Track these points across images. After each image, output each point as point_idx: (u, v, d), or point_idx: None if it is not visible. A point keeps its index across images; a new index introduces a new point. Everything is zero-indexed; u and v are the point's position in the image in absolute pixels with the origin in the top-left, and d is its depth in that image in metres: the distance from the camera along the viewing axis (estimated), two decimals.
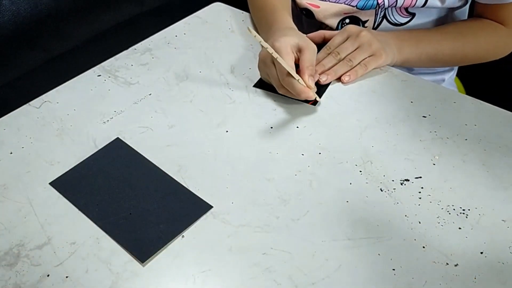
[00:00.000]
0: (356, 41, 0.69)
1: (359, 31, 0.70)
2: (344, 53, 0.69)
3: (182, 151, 0.58)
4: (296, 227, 0.50)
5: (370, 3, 0.78)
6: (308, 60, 0.63)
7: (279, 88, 0.64)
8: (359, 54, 0.69)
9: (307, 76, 0.61)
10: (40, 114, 0.63)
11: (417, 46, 0.74)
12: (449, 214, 0.51)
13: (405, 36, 0.75)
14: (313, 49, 0.64)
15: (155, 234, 0.48)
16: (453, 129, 0.61)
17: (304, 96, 0.61)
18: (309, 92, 0.61)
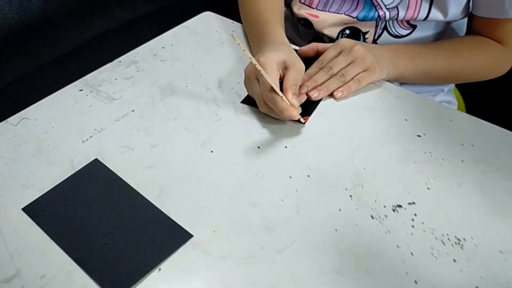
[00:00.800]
0: (349, 56, 0.67)
1: (353, 45, 0.67)
2: (337, 68, 0.66)
3: (164, 173, 0.55)
4: (281, 259, 0.47)
5: (371, 15, 0.76)
6: (292, 79, 0.60)
7: (261, 105, 0.61)
8: (352, 69, 0.66)
9: (291, 94, 0.58)
10: (17, 132, 0.60)
11: (413, 61, 0.71)
12: (444, 245, 0.48)
13: (400, 50, 0.72)
14: (299, 68, 0.61)
15: (130, 267, 0.45)
16: (448, 149, 0.59)
17: (287, 115, 0.58)
18: (293, 111, 0.57)
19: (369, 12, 0.76)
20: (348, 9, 0.78)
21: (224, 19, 0.82)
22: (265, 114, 0.62)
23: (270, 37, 0.69)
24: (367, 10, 0.76)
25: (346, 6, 0.78)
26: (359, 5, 0.76)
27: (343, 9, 0.78)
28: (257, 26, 0.74)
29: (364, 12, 0.76)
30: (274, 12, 0.76)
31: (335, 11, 0.78)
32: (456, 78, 0.77)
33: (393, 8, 0.74)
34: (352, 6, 0.77)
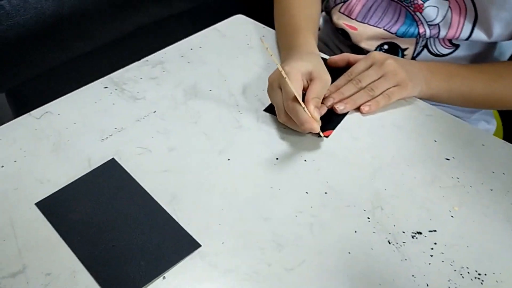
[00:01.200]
0: (380, 69, 0.64)
1: (385, 59, 0.64)
2: (366, 81, 0.64)
3: (178, 178, 0.54)
4: (289, 278, 0.45)
5: (410, 32, 0.73)
6: (316, 91, 0.58)
7: (280, 115, 0.59)
8: (382, 83, 0.64)
9: (312, 106, 0.56)
10: (39, 126, 0.60)
11: (449, 81, 0.68)
12: (462, 278, 0.46)
13: (436, 68, 0.69)
14: (325, 81, 0.59)
15: (135, 273, 0.45)
16: (478, 176, 0.55)
17: (308, 127, 0.56)
18: (313, 123, 0.55)
19: (409, 28, 0.73)
20: (388, 23, 0.75)
21: (255, 23, 0.81)
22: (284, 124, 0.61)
23: (300, 46, 0.67)
24: (408, 25, 0.73)
25: (386, 18, 0.75)
26: (400, 18, 0.74)
27: (383, 21, 0.75)
28: (288, 33, 0.72)
29: (405, 27, 0.73)
30: (307, 20, 0.74)
31: (374, 23, 0.76)
32: (495, 104, 0.73)
33: (435, 26, 0.71)
34: (392, 19, 0.75)
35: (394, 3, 0.74)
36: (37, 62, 1.14)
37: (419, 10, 0.71)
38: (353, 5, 0.78)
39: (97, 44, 1.22)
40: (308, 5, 0.76)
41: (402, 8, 0.73)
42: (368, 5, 0.76)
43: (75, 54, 1.19)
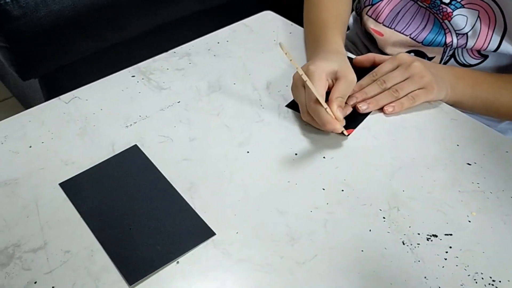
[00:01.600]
0: (406, 71, 0.63)
1: (411, 61, 0.64)
2: (391, 82, 0.64)
3: (198, 167, 0.55)
4: (300, 272, 0.45)
5: (438, 40, 0.72)
6: (340, 90, 0.58)
7: (303, 114, 0.59)
8: (407, 85, 0.63)
9: (336, 106, 0.57)
10: (67, 110, 0.62)
11: (474, 88, 0.67)
12: (475, 283, 0.45)
13: (462, 74, 0.68)
14: (350, 80, 0.59)
15: (150, 256, 0.46)
16: (499, 183, 0.55)
17: (330, 128, 0.56)
18: (336, 124, 0.56)
19: (437, 36, 0.72)
20: (415, 29, 0.74)
21: (283, 20, 0.81)
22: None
23: (326, 44, 0.67)
24: (435, 32, 0.72)
25: (414, 24, 0.74)
26: (427, 25, 0.73)
27: (410, 28, 0.75)
28: (315, 31, 0.72)
29: (432, 35, 0.73)
30: (336, 19, 0.74)
31: (401, 30, 0.75)
32: None
33: (463, 36, 0.70)
34: (420, 26, 0.74)
35: (422, 9, 0.73)
36: (70, 51, 1.18)
37: (447, 18, 0.70)
38: (381, 9, 0.77)
39: (129, 36, 1.25)
40: (338, 3, 0.76)
41: (431, 15, 0.72)
42: (396, 10, 0.76)
43: (107, 44, 1.22)
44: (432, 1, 0.71)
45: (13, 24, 1.03)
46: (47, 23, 1.07)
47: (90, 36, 1.17)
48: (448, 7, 0.69)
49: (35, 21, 1.05)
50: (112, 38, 1.23)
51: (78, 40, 1.16)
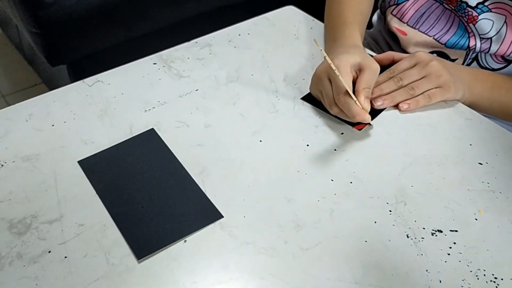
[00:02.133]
0: (423, 70, 0.64)
1: (429, 60, 0.64)
2: (408, 80, 0.64)
3: (210, 153, 0.57)
4: (303, 257, 0.47)
5: (461, 43, 0.72)
6: (366, 81, 0.59)
7: (331, 106, 0.60)
8: (424, 83, 0.63)
9: (363, 97, 0.57)
10: (90, 92, 0.65)
11: (492, 91, 0.67)
12: (477, 279, 0.45)
13: (481, 76, 0.67)
14: (374, 70, 0.60)
15: (159, 233, 0.48)
16: (509, 183, 0.54)
17: (360, 119, 0.56)
18: (365, 115, 0.56)
19: (460, 39, 0.72)
20: (439, 31, 0.74)
21: (305, 15, 0.82)
22: (322, 114, 0.62)
23: (344, 38, 0.68)
24: (459, 35, 0.72)
25: (438, 26, 0.74)
26: (451, 28, 0.73)
27: (435, 29, 0.75)
28: (335, 26, 0.73)
29: (455, 37, 0.72)
30: (355, 14, 0.74)
31: (425, 30, 0.76)
32: None
33: (487, 40, 0.70)
34: (444, 28, 0.74)
35: (447, 12, 0.73)
36: (98, 39, 1.21)
37: (472, 22, 0.70)
38: (406, 9, 0.77)
39: (155, 27, 1.28)
40: (360, 1, 0.77)
41: (456, 18, 0.72)
42: (421, 10, 0.76)
43: (133, 34, 1.25)
44: (458, 4, 0.71)
45: (45, 10, 1.07)
46: (77, 11, 1.11)
47: (118, 26, 1.20)
48: (474, 10, 0.69)
49: (65, 8, 1.08)
50: (139, 29, 1.26)
51: (106, 29, 1.19)
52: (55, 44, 1.14)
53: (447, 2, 0.72)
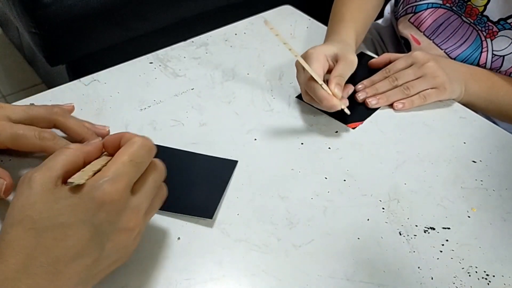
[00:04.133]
0: (419, 70, 0.64)
1: (426, 60, 0.64)
2: (403, 80, 0.64)
3: (205, 151, 0.57)
4: (295, 254, 0.47)
5: (472, 59, 0.72)
6: (339, 70, 0.59)
7: (303, 95, 0.61)
8: (419, 84, 0.63)
9: (334, 84, 0.58)
10: (86, 91, 0.65)
11: (489, 93, 0.67)
12: (469, 276, 0.46)
13: (479, 76, 0.67)
14: (350, 61, 0.61)
15: (206, 194, 0.51)
16: (503, 181, 0.55)
17: (327, 104, 0.57)
18: (333, 100, 0.57)
19: (472, 53, 0.72)
20: (453, 44, 0.74)
21: (301, 15, 0.82)
22: (317, 113, 0.62)
23: (335, 35, 0.69)
24: (472, 49, 0.72)
25: (454, 39, 0.74)
26: (467, 41, 0.73)
27: (449, 42, 0.74)
28: (332, 24, 0.74)
29: (468, 51, 0.72)
30: (355, 13, 0.74)
31: (439, 43, 0.75)
32: None
33: (499, 58, 0.70)
34: (459, 41, 0.73)
35: (465, 25, 0.72)
36: (97, 39, 1.21)
37: (491, 37, 0.70)
38: (423, 18, 0.77)
39: (154, 27, 1.28)
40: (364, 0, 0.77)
41: (473, 32, 0.72)
42: (439, 21, 0.75)
43: (132, 34, 1.25)
44: (478, 18, 0.70)
45: (43, 10, 1.07)
46: (76, 10, 1.11)
47: (117, 26, 1.20)
48: (495, 25, 0.69)
49: (64, 8, 1.09)
50: (138, 29, 1.26)
51: (105, 29, 1.20)
52: (54, 44, 1.14)
53: (466, 15, 0.72)
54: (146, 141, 0.41)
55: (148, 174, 0.41)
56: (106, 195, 0.36)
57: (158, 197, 0.43)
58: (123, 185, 0.37)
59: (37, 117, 0.52)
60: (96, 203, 0.36)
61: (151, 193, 0.41)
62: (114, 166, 0.38)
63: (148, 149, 0.41)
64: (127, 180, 0.38)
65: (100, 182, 0.37)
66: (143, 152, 0.40)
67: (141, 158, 0.40)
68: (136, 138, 0.41)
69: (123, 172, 0.38)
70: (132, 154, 0.39)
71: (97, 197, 0.36)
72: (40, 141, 0.49)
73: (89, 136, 0.53)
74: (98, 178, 0.37)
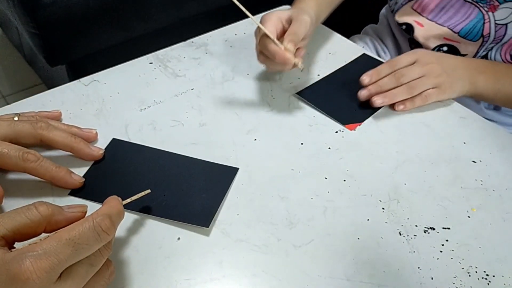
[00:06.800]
0: (423, 69, 0.64)
1: (429, 61, 0.64)
2: (409, 77, 0.64)
3: (205, 151, 0.57)
4: (295, 254, 0.47)
5: (474, 32, 0.73)
6: (292, 29, 0.60)
7: (258, 56, 0.63)
8: (423, 83, 0.63)
9: (287, 40, 0.59)
10: (86, 92, 0.65)
11: (496, 81, 0.67)
12: (469, 276, 0.46)
13: (483, 68, 0.68)
14: (302, 21, 0.61)
15: (203, 202, 0.50)
16: (503, 181, 0.55)
17: (280, 58, 0.58)
18: (285, 54, 0.57)
19: (474, 27, 0.73)
20: (456, 20, 0.76)
21: None
22: (317, 113, 0.62)
23: (297, 4, 0.70)
24: (475, 22, 0.74)
25: (456, 18, 0.76)
26: (469, 17, 0.74)
27: (452, 20, 0.76)
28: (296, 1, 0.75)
29: (471, 24, 0.74)
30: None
31: (442, 22, 0.77)
32: None
33: (502, 26, 0.71)
34: (461, 18, 0.75)
35: (467, 4, 0.75)
36: (97, 39, 1.21)
37: (492, 10, 0.72)
38: (426, 3, 0.79)
39: (155, 27, 1.28)
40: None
41: (475, 9, 0.74)
42: (441, 5, 0.77)
43: (133, 34, 1.25)
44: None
45: (44, 10, 1.07)
46: (76, 11, 1.11)
47: (117, 26, 1.20)
48: (496, 0, 0.71)
49: (64, 8, 1.09)
50: (138, 29, 1.26)
51: (105, 29, 1.20)
52: (53, 44, 1.14)
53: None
54: (104, 223, 0.36)
55: (87, 263, 0.36)
56: (23, 272, 0.32)
57: None
58: (48, 265, 0.33)
59: (22, 132, 0.50)
60: (9, 276, 0.32)
61: (81, 283, 0.36)
62: (46, 242, 0.34)
63: (97, 233, 0.36)
64: (55, 260, 0.33)
65: (24, 255, 0.33)
66: (90, 234, 0.35)
67: (85, 240, 0.35)
68: (91, 217, 0.37)
69: (54, 250, 0.33)
70: (74, 233, 0.35)
71: (13, 271, 0.32)
72: (23, 162, 0.47)
73: (76, 145, 0.53)
74: (26, 250, 0.33)
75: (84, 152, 0.54)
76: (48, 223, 0.37)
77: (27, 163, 0.48)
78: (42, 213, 0.37)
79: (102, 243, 0.37)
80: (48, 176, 0.49)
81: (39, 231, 0.37)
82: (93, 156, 0.54)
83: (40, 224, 0.37)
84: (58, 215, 0.38)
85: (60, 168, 0.50)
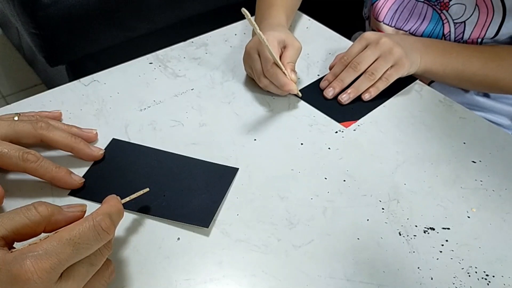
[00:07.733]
0: (376, 49, 0.64)
1: (379, 38, 0.65)
2: (365, 64, 0.64)
3: (205, 151, 0.57)
4: (295, 254, 0.47)
5: (436, 32, 0.75)
6: (290, 56, 0.62)
7: (260, 79, 0.63)
8: (381, 65, 0.64)
9: (289, 69, 0.61)
10: (86, 92, 0.65)
11: (443, 57, 0.68)
12: (469, 276, 0.46)
13: (431, 43, 0.70)
14: (297, 47, 0.64)
15: (203, 202, 0.50)
16: (502, 181, 0.55)
17: (287, 89, 0.60)
18: (292, 85, 0.60)
19: (435, 27, 0.74)
20: (414, 23, 0.77)
21: (301, 15, 0.82)
22: (317, 113, 0.63)
23: (270, 19, 0.71)
24: (434, 23, 0.74)
25: (413, 19, 0.77)
26: (426, 18, 0.75)
27: (410, 23, 0.77)
28: (262, 8, 0.75)
29: (431, 26, 0.75)
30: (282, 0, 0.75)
31: (400, 26, 0.78)
32: (492, 85, 0.72)
33: (460, 24, 0.72)
34: (419, 20, 0.76)
35: (420, 4, 0.76)
36: (97, 39, 1.21)
37: (445, 8, 0.72)
38: (379, 8, 0.79)
39: (155, 27, 1.28)
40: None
41: (429, 8, 0.75)
42: (394, 7, 0.78)
43: (133, 34, 1.25)
44: None
45: (44, 11, 1.07)
46: (76, 11, 1.11)
47: (117, 26, 1.20)
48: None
49: (64, 8, 1.09)
50: (138, 29, 1.26)
51: (105, 29, 1.20)
52: (53, 44, 1.14)
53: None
54: (103, 222, 0.36)
55: (87, 262, 0.36)
56: (24, 272, 0.32)
57: None
58: (49, 265, 0.33)
59: (22, 132, 0.50)
60: (10, 277, 0.32)
61: (82, 283, 0.36)
62: (47, 242, 0.34)
63: (97, 232, 0.36)
64: (56, 260, 0.33)
65: (25, 256, 0.33)
66: (91, 234, 0.35)
67: (85, 239, 0.35)
68: (91, 216, 0.37)
69: (55, 251, 0.33)
70: (74, 233, 0.35)
71: (14, 271, 0.32)
72: (23, 162, 0.47)
73: (76, 145, 0.53)
74: (26, 250, 0.33)
75: (84, 152, 0.54)
76: (47, 223, 0.38)
77: (27, 163, 0.48)
78: (42, 213, 0.37)
79: (102, 242, 0.37)
80: (48, 176, 0.49)
81: (38, 231, 0.37)
82: (93, 156, 0.54)
83: (40, 224, 0.37)
84: (58, 215, 0.38)
85: (60, 168, 0.50)
